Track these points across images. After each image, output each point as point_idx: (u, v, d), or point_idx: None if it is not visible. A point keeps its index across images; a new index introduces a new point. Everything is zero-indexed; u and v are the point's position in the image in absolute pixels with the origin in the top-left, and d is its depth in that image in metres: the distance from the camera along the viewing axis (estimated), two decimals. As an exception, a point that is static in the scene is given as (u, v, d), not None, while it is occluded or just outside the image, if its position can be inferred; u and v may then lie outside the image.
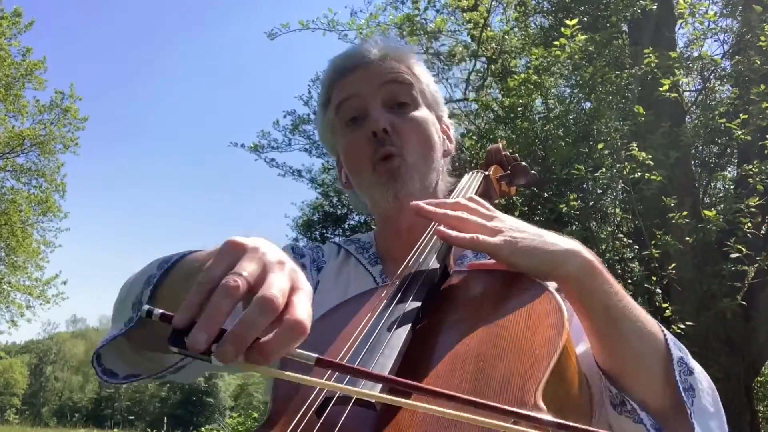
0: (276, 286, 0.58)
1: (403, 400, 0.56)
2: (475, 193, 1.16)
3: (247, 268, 0.60)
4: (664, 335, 0.88)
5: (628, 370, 0.84)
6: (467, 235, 0.86)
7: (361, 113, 1.13)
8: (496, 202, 1.33)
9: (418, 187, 1.11)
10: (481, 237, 0.85)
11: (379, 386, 0.63)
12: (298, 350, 0.58)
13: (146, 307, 0.58)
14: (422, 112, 1.16)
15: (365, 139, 1.11)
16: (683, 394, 0.83)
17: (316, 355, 0.57)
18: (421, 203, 0.94)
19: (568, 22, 5.65)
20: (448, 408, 0.53)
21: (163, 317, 0.58)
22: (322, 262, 1.21)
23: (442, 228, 0.87)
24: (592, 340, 0.86)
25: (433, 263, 0.90)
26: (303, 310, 0.59)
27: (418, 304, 0.80)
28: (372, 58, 1.15)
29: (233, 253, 0.62)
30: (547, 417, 0.55)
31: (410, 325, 0.75)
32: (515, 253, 0.83)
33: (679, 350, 0.88)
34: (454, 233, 0.86)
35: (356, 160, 1.15)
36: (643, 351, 0.84)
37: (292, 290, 0.61)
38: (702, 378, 0.88)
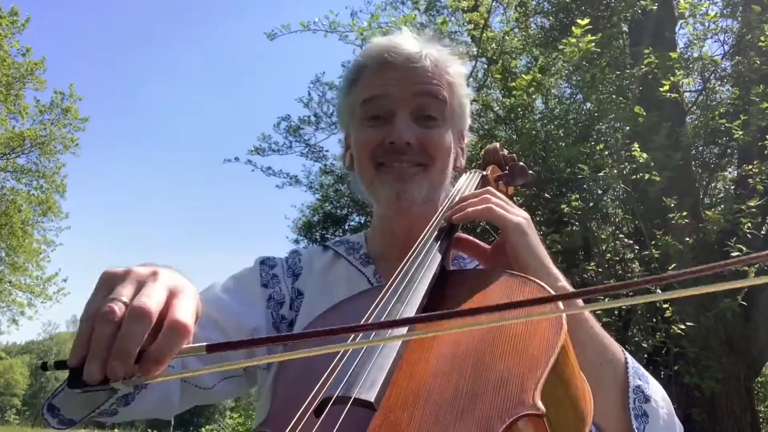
0: (146, 295, 0.61)
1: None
2: None
3: (122, 292, 0.62)
4: (626, 364, 0.94)
5: None
6: (481, 206, 0.95)
7: (386, 115, 1.12)
8: None
9: (423, 197, 1.11)
10: (497, 208, 0.94)
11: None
12: (189, 345, 0.60)
13: (40, 362, 0.61)
14: (446, 132, 1.15)
15: (379, 140, 1.11)
16: (634, 421, 0.89)
17: (205, 344, 0.59)
18: (458, 216, 1.00)
19: (579, 21, 5.61)
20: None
21: (58, 365, 0.60)
22: (299, 268, 1.21)
23: (461, 205, 0.96)
24: None
25: (432, 263, 0.90)
26: (183, 310, 0.61)
27: (417, 303, 0.80)
28: (414, 59, 1.12)
29: (108, 283, 0.65)
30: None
31: (409, 325, 0.75)
32: (523, 239, 0.91)
33: (639, 378, 0.93)
34: (471, 208, 0.95)
35: (364, 154, 1.14)
36: (603, 378, 0.90)
37: (172, 295, 0.63)
38: (660, 404, 0.94)
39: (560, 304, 0.70)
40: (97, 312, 0.60)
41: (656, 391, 0.94)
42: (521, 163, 1.32)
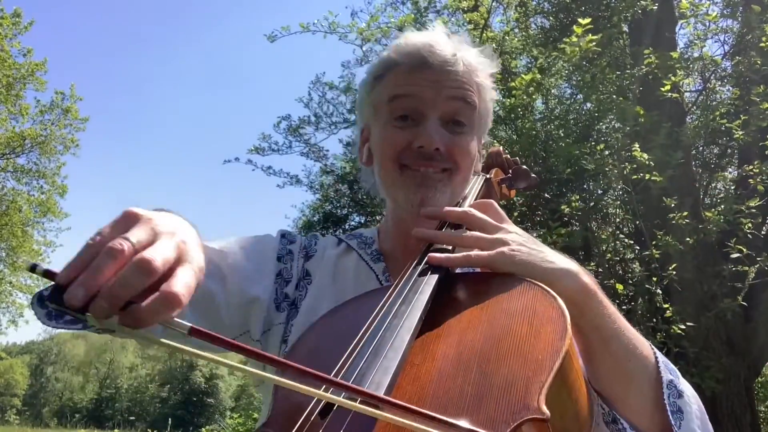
0: (158, 252, 0.59)
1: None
2: (476, 197, 1.17)
3: (136, 235, 0.61)
4: (656, 358, 0.89)
5: (618, 391, 0.86)
6: (459, 255, 0.89)
7: (416, 116, 1.10)
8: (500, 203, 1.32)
9: (445, 203, 1.09)
10: (474, 254, 0.88)
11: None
12: (175, 320, 0.58)
13: (30, 262, 0.59)
14: (472, 139, 1.13)
15: (407, 142, 1.08)
16: (671, 417, 0.85)
17: (189, 325, 0.58)
18: (429, 210, 0.97)
19: (581, 20, 5.61)
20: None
21: (47, 273, 0.58)
22: (313, 250, 1.20)
23: (434, 255, 0.89)
24: (584, 360, 0.88)
25: (437, 267, 0.90)
26: (182, 282, 0.59)
27: (422, 306, 0.80)
28: (450, 61, 1.09)
29: (127, 221, 0.64)
30: None
31: (414, 327, 0.76)
32: (509, 266, 0.85)
33: (669, 373, 0.89)
34: (444, 256, 0.89)
35: (389, 154, 1.11)
36: (633, 373, 0.86)
37: (179, 261, 0.62)
38: (692, 400, 0.90)
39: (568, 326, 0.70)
40: (105, 242, 0.59)
41: (687, 386, 0.91)
42: (524, 167, 1.32)
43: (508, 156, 1.37)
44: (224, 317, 1.03)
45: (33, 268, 0.58)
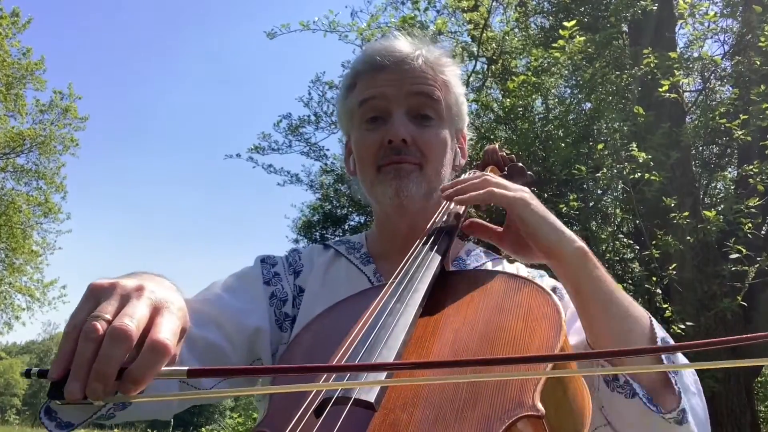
0: (128, 315, 0.61)
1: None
2: None
3: (106, 309, 0.62)
4: (650, 318, 0.94)
5: (617, 347, 0.88)
6: (482, 190, 0.94)
7: (383, 114, 1.14)
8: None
9: (422, 194, 1.12)
10: (497, 189, 0.94)
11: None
12: (167, 368, 0.59)
13: (26, 368, 0.61)
14: (442, 130, 1.16)
15: (379, 142, 1.12)
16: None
17: (186, 368, 0.59)
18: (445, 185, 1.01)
19: (566, 23, 5.66)
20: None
21: (40, 374, 0.60)
22: (300, 266, 1.21)
23: (445, 186, 0.96)
24: (582, 321, 0.92)
25: (431, 263, 0.90)
26: (165, 329, 0.61)
27: (417, 304, 0.80)
28: (408, 60, 1.14)
29: (93, 296, 0.65)
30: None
31: (408, 325, 0.75)
32: (528, 211, 0.91)
33: (662, 331, 0.93)
34: (468, 194, 0.95)
35: (366, 157, 1.16)
36: (630, 330, 0.90)
37: (156, 311, 0.63)
38: (684, 359, 0.95)
39: (563, 324, 0.70)
40: (80, 328, 0.61)
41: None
42: (520, 164, 1.32)
43: (504, 153, 1.36)
44: (234, 359, 1.04)
45: (27, 374, 0.61)
